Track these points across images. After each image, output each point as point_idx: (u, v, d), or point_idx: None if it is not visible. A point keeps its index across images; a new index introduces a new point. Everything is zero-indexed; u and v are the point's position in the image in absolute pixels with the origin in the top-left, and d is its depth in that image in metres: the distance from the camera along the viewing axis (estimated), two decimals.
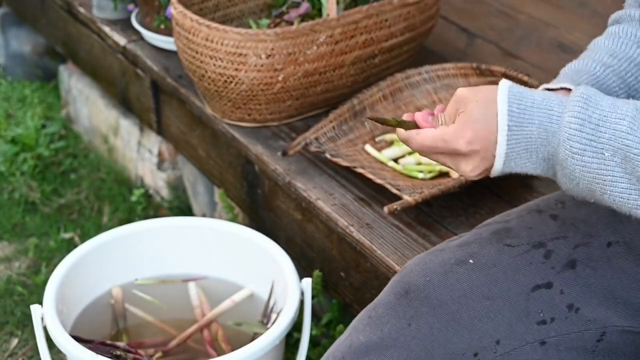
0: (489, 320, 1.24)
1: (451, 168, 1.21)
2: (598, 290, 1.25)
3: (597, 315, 1.24)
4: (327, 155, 1.87)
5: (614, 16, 1.38)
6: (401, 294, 1.27)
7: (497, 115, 1.14)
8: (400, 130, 1.22)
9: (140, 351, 1.84)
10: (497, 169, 1.17)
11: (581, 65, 1.29)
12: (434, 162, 1.84)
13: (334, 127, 1.95)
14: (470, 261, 1.28)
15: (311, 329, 1.86)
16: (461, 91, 1.18)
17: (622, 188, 1.11)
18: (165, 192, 2.58)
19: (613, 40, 1.32)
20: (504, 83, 1.15)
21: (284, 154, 1.93)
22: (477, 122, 1.15)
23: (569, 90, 1.24)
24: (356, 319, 1.31)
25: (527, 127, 1.14)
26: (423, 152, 1.22)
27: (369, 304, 1.31)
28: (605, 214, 1.31)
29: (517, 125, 1.14)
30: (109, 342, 1.85)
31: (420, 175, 1.82)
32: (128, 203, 2.62)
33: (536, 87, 1.95)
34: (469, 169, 1.18)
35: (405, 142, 1.22)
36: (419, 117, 1.22)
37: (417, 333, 1.24)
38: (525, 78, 1.97)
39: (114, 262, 1.98)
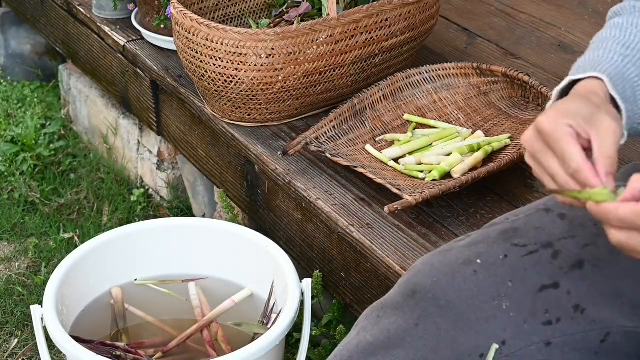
0: (496, 321, 1.23)
1: None
2: (605, 290, 1.24)
3: (602, 315, 1.23)
4: (328, 155, 1.86)
5: (614, 9, 1.34)
6: (408, 295, 1.27)
7: None
8: (593, 205, 1.08)
9: (140, 351, 1.83)
10: None
11: (598, 56, 1.26)
12: (435, 162, 1.84)
13: (334, 127, 1.95)
14: (478, 261, 1.27)
15: (311, 330, 1.86)
16: None
17: None
18: (165, 192, 2.58)
19: (620, 31, 1.28)
20: None
21: (284, 153, 1.92)
22: None
23: (597, 78, 1.21)
24: (363, 318, 1.30)
25: None
26: (622, 227, 1.07)
27: (375, 302, 1.31)
28: None
29: None
30: (108, 342, 1.84)
31: (421, 175, 1.82)
32: (128, 203, 2.62)
33: (536, 87, 1.95)
34: None
35: (601, 217, 1.08)
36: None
37: (424, 333, 1.23)
38: (526, 78, 1.96)
39: (114, 262, 1.98)
